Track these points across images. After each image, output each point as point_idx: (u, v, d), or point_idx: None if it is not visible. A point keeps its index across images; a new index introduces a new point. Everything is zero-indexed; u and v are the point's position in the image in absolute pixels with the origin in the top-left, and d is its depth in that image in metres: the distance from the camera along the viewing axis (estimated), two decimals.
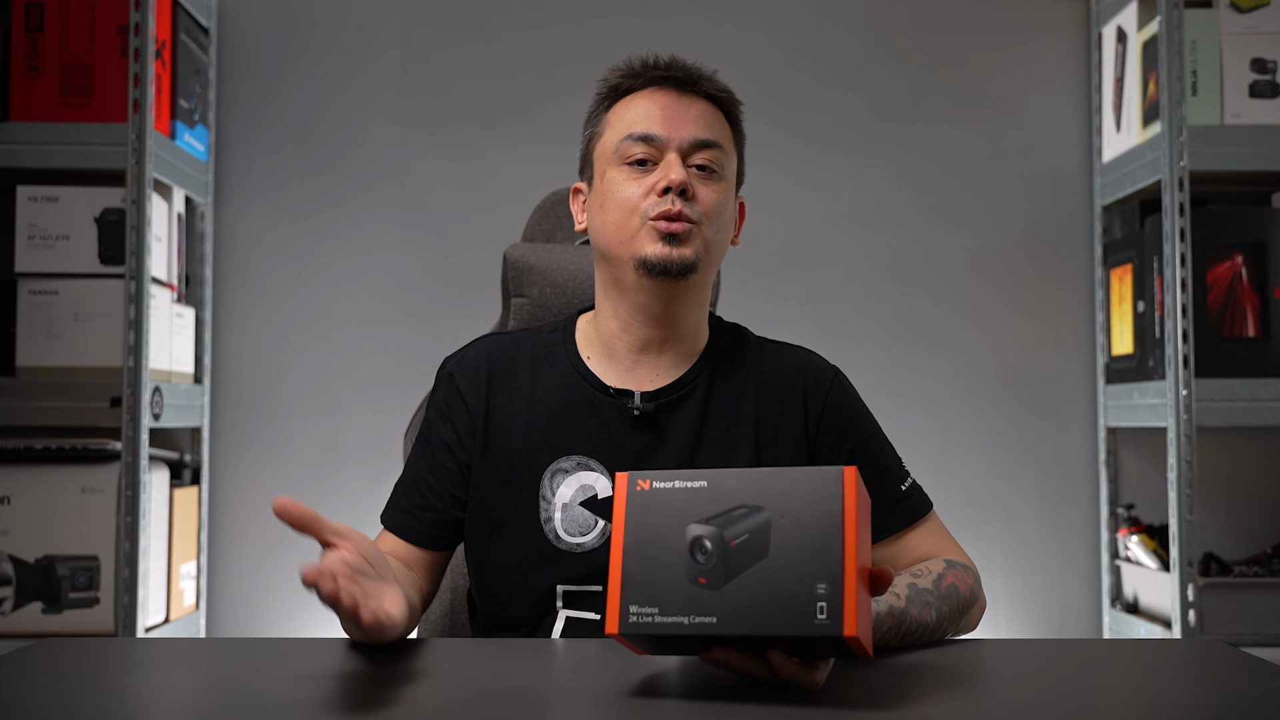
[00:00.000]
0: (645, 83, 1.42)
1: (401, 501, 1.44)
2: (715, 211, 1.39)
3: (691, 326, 1.44)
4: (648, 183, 1.38)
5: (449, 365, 1.48)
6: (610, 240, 1.40)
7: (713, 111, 1.42)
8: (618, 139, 1.40)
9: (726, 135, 1.43)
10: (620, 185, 1.39)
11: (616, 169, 1.40)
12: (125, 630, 2.32)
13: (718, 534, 1.00)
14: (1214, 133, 2.43)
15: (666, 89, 1.41)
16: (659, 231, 1.36)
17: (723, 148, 1.41)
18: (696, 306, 1.44)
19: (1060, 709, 1.05)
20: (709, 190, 1.39)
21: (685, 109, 1.40)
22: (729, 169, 1.42)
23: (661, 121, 1.39)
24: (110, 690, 1.13)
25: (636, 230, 1.37)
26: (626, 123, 1.41)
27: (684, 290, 1.40)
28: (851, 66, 2.82)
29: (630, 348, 1.43)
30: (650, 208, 1.37)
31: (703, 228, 1.38)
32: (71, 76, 2.43)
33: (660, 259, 1.36)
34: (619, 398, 1.41)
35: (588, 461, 1.39)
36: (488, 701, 1.05)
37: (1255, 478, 2.75)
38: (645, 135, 1.39)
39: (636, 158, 1.39)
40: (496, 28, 2.80)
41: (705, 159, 1.39)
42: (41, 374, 2.39)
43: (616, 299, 1.43)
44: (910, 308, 2.79)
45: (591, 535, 1.37)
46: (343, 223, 2.78)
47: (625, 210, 1.38)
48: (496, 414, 1.42)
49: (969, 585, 1.35)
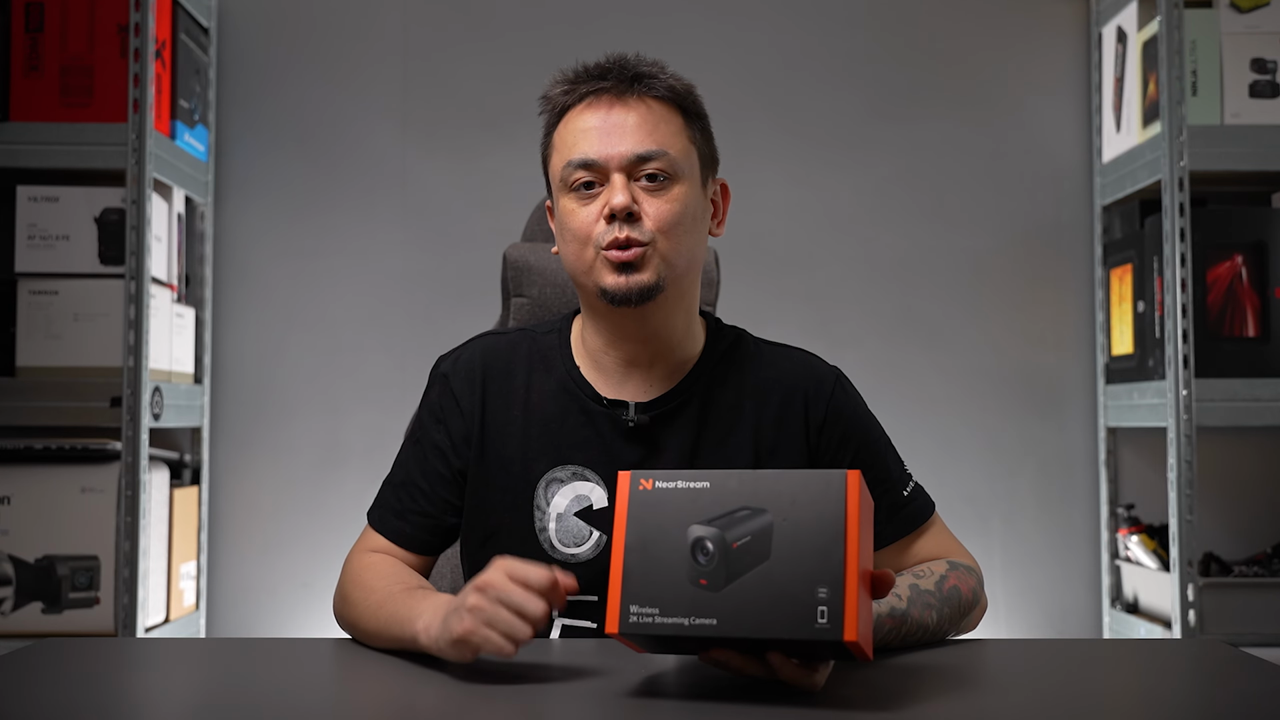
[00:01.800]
0: (580, 96, 1.37)
1: (391, 503, 1.42)
2: (670, 223, 1.33)
3: (678, 337, 1.40)
4: (594, 209, 1.34)
5: (443, 366, 1.45)
6: (573, 270, 1.37)
7: (657, 111, 1.36)
8: (561, 165, 1.36)
9: (674, 131, 1.36)
10: (572, 214, 1.35)
11: (566, 196, 1.36)
12: (125, 630, 2.32)
13: (720, 535, 1.00)
14: (1214, 133, 2.43)
15: (600, 100, 1.36)
16: (611, 262, 1.32)
17: (669, 153, 1.34)
18: (679, 315, 1.40)
19: (1060, 709, 1.05)
20: (660, 202, 1.33)
21: (622, 120, 1.34)
22: (683, 169, 1.35)
23: (598, 141, 1.33)
24: (110, 690, 1.13)
25: (592, 261, 1.34)
26: (568, 146, 1.36)
27: (655, 309, 1.36)
28: (851, 66, 2.81)
29: (618, 363, 1.40)
30: (601, 236, 1.33)
31: (658, 245, 1.32)
32: (71, 76, 2.42)
33: (618, 289, 1.32)
34: (613, 408, 1.38)
35: (583, 471, 1.37)
36: (488, 701, 1.05)
37: (1255, 478, 2.75)
38: (584, 161, 1.34)
39: (581, 182, 1.34)
40: (496, 28, 2.80)
41: (652, 169, 1.33)
42: (41, 374, 2.39)
43: (596, 319, 1.40)
44: (910, 308, 2.79)
45: (586, 546, 1.35)
46: (343, 223, 2.78)
47: (579, 241, 1.35)
48: (492, 419, 1.40)
49: (971, 587, 1.35)
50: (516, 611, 1.07)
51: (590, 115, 1.35)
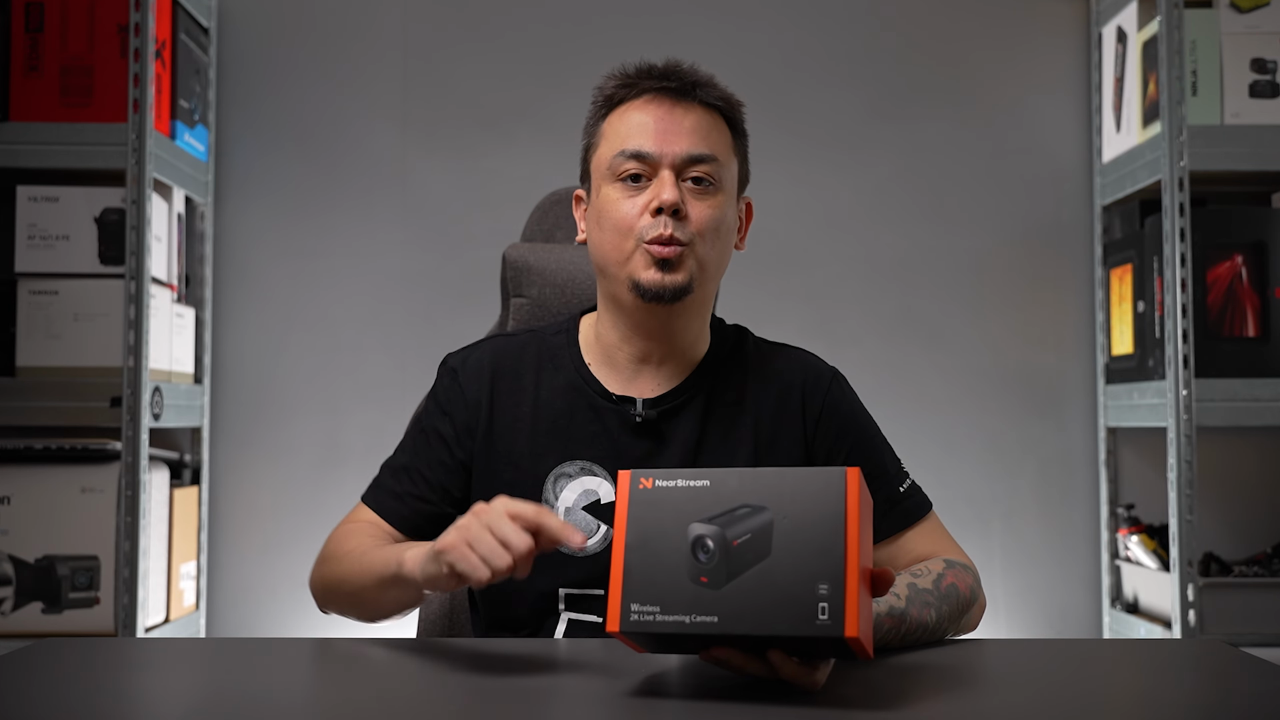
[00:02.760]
0: (639, 92, 1.40)
1: (389, 485, 1.44)
2: (710, 228, 1.37)
3: (691, 339, 1.44)
4: (641, 201, 1.36)
5: (452, 361, 1.48)
6: (607, 259, 1.39)
7: (710, 120, 1.40)
8: (611, 154, 1.38)
9: (724, 143, 1.41)
10: (614, 204, 1.37)
11: (611, 185, 1.38)
12: (125, 630, 2.32)
13: (720, 533, 1.00)
14: (1214, 133, 2.43)
15: (661, 99, 1.39)
16: (653, 256, 1.35)
17: (719, 160, 1.38)
18: (696, 320, 1.44)
19: (1060, 709, 1.05)
20: (703, 206, 1.37)
21: (679, 121, 1.38)
22: (726, 179, 1.40)
23: (654, 137, 1.37)
24: (110, 690, 1.13)
25: (631, 252, 1.36)
26: (620, 137, 1.38)
27: (680, 310, 1.40)
28: (851, 66, 2.81)
29: (630, 359, 1.43)
30: (645, 230, 1.35)
31: (695, 248, 1.36)
32: (71, 76, 2.43)
33: (653, 285, 1.35)
34: (621, 404, 1.42)
35: (591, 466, 1.40)
36: (488, 701, 1.05)
37: (1255, 478, 2.75)
38: (638, 152, 1.36)
39: (630, 173, 1.37)
40: (496, 28, 2.80)
41: (700, 172, 1.37)
42: (41, 374, 2.39)
43: (615, 313, 1.43)
44: (910, 308, 2.79)
45: (594, 539, 1.38)
46: (343, 223, 2.78)
47: (620, 231, 1.37)
48: (501, 416, 1.43)
49: (968, 585, 1.36)
50: (501, 541, 1.09)
51: (649, 110, 1.39)
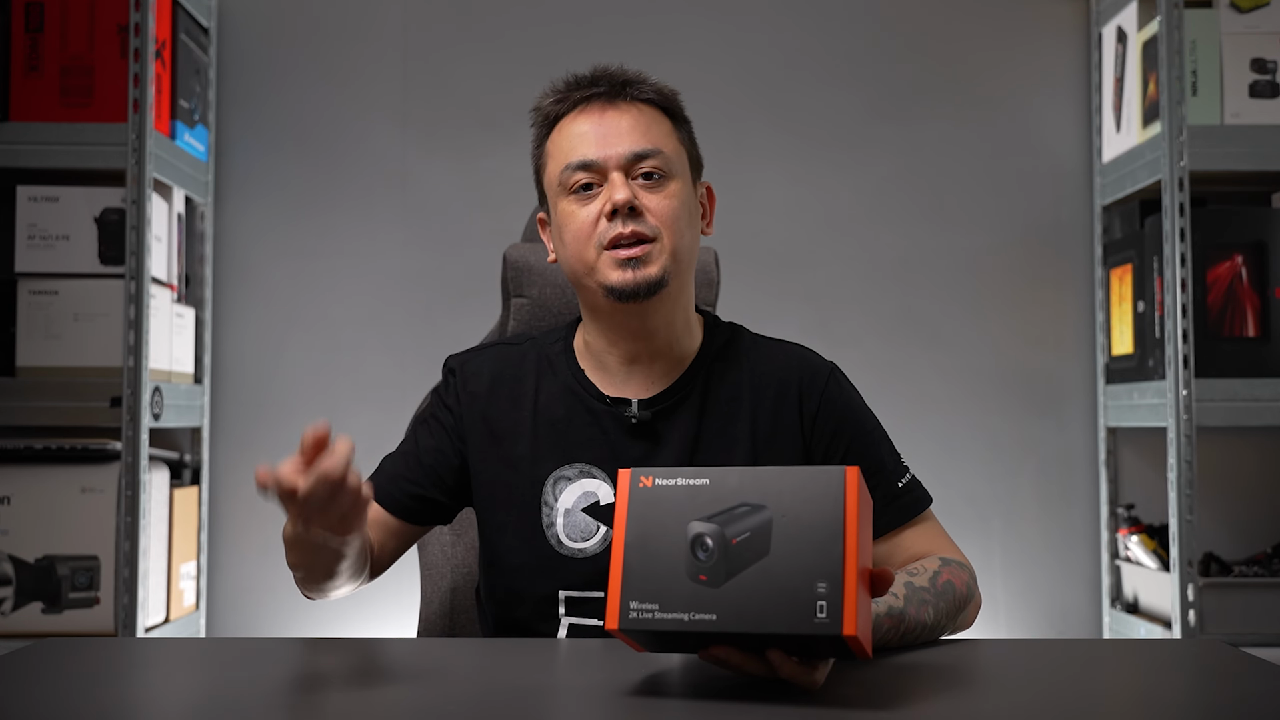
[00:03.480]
0: (573, 104, 1.42)
1: (385, 468, 1.47)
2: (671, 218, 1.38)
3: (678, 332, 1.45)
4: (595, 208, 1.38)
5: (452, 363, 1.50)
6: (575, 271, 1.41)
7: (647, 114, 1.42)
8: (559, 169, 1.41)
9: (665, 133, 1.42)
10: (571, 216, 1.40)
11: (565, 199, 1.41)
12: (125, 630, 2.32)
13: (719, 531, 1.00)
14: (1214, 133, 2.43)
15: (594, 105, 1.41)
16: (617, 259, 1.36)
17: (664, 151, 1.40)
18: (677, 313, 1.44)
19: (1060, 709, 1.05)
20: (659, 198, 1.38)
21: (616, 122, 1.40)
22: (676, 168, 1.41)
23: (595, 143, 1.39)
24: (110, 690, 1.13)
25: (595, 260, 1.38)
26: (564, 151, 1.41)
27: (659, 304, 1.40)
28: (851, 66, 2.81)
29: (620, 361, 1.44)
30: (603, 234, 1.37)
31: (663, 239, 1.38)
32: (71, 76, 2.43)
33: (625, 284, 1.37)
34: (616, 406, 1.42)
35: (590, 469, 1.41)
36: (488, 701, 1.05)
37: (1255, 478, 2.75)
38: (582, 162, 1.39)
39: (580, 184, 1.39)
40: (496, 28, 2.80)
41: (648, 167, 1.39)
42: (41, 374, 2.39)
43: (597, 320, 1.44)
44: (910, 308, 2.79)
45: (593, 541, 1.39)
46: (343, 223, 2.78)
47: (580, 241, 1.39)
48: (501, 420, 1.44)
49: (965, 582, 1.36)
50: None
51: (584, 120, 1.41)
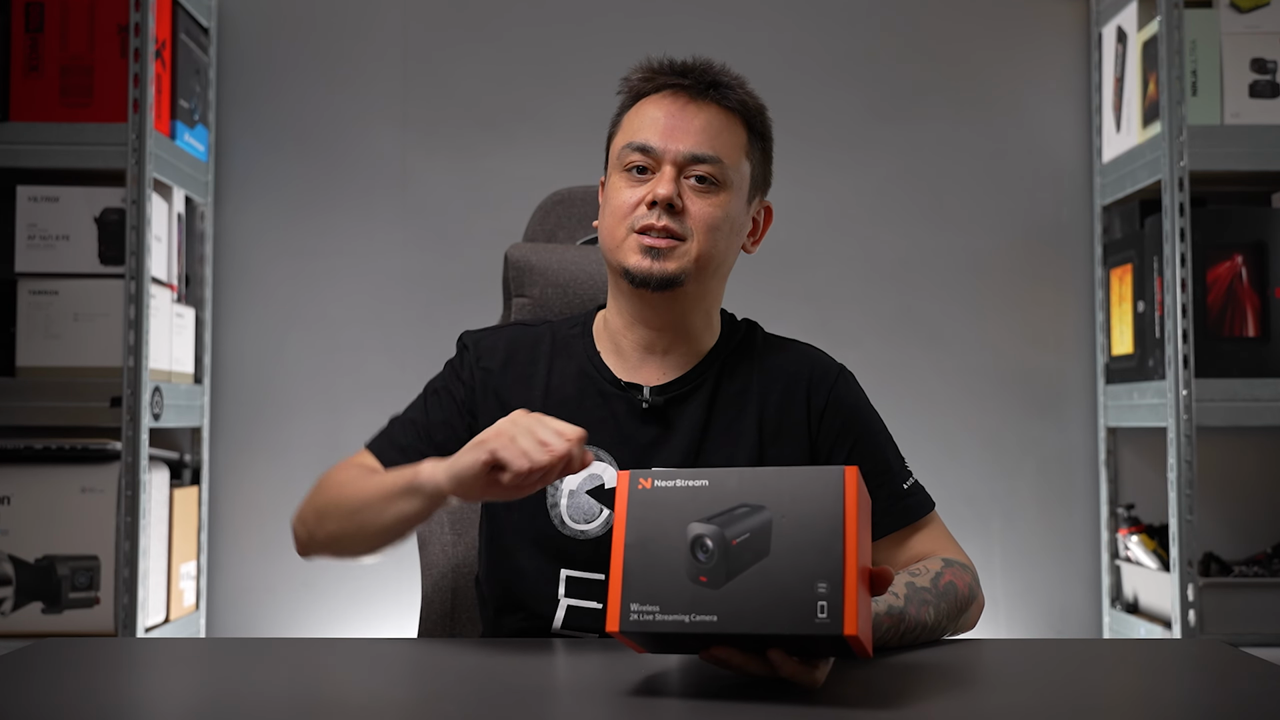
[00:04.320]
0: (658, 86, 1.44)
1: (395, 435, 1.47)
2: (708, 225, 1.39)
3: (695, 331, 1.46)
4: (640, 192, 1.40)
5: (467, 338, 1.51)
6: (605, 244, 1.44)
7: (722, 120, 1.42)
8: (622, 145, 1.43)
9: (734, 145, 1.43)
10: (618, 192, 1.42)
11: (618, 174, 1.43)
12: (125, 630, 2.32)
13: (719, 533, 1.01)
14: (1214, 133, 2.43)
15: (676, 95, 1.42)
16: (642, 244, 1.38)
17: (724, 161, 1.41)
18: (698, 314, 1.45)
19: (1060, 709, 1.05)
20: (704, 203, 1.40)
21: (689, 119, 1.41)
22: (733, 180, 1.42)
23: (661, 133, 1.40)
24: (110, 690, 1.13)
25: (623, 240, 1.40)
26: (633, 129, 1.42)
27: (675, 301, 1.42)
28: (851, 66, 2.81)
29: (635, 346, 1.46)
30: (637, 219, 1.39)
31: (693, 242, 1.39)
32: (71, 76, 2.42)
33: (640, 271, 1.38)
34: (628, 391, 1.44)
35: (597, 451, 1.41)
36: (488, 701, 1.05)
37: (1255, 478, 2.75)
38: (643, 146, 1.40)
39: (635, 165, 1.41)
40: (496, 28, 2.80)
41: (703, 171, 1.40)
42: (41, 374, 2.39)
43: (619, 298, 1.46)
44: (910, 308, 2.79)
45: (596, 523, 1.40)
46: (343, 223, 2.78)
47: (617, 217, 1.41)
48: (513, 396, 1.45)
49: (967, 583, 1.36)
50: (542, 442, 1.15)
51: (661, 106, 1.42)
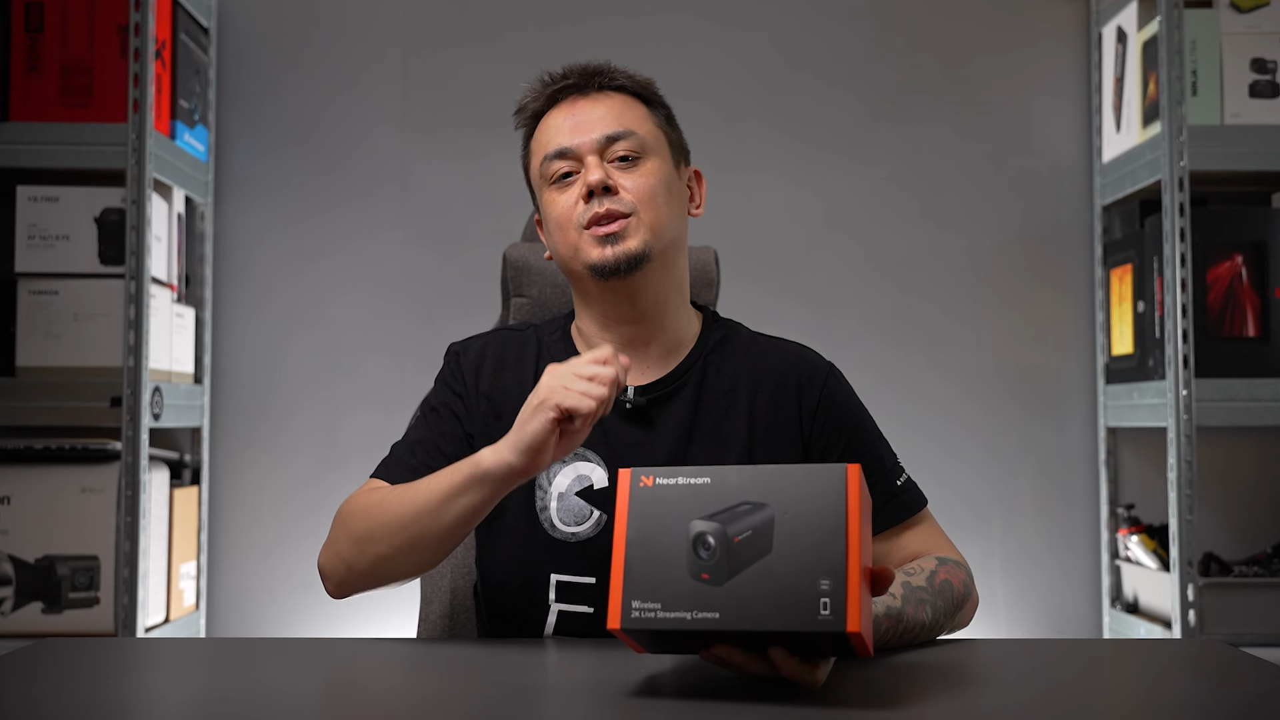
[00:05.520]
0: (549, 101, 1.48)
1: (403, 458, 1.43)
2: (648, 193, 1.41)
3: (671, 315, 1.46)
4: (574, 192, 1.42)
5: (455, 347, 1.51)
6: (562, 257, 1.44)
7: (619, 101, 1.46)
8: (539, 163, 1.46)
9: (640, 117, 1.45)
10: (553, 204, 1.44)
11: (547, 190, 1.45)
12: (125, 630, 2.32)
13: (721, 530, 1.00)
14: (1214, 133, 2.43)
15: (567, 99, 1.47)
16: (595, 237, 1.39)
17: (637, 133, 1.43)
18: (670, 292, 1.45)
19: (1060, 709, 1.05)
20: (635, 176, 1.41)
21: (589, 111, 1.44)
22: (653, 147, 1.44)
23: (569, 132, 1.44)
24: (110, 690, 1.13)
25: (577, 242, 1.41)
26: (542, 145, 1.46)
27: (647, 280, 1.42)
28: (851, 66, 2.81)
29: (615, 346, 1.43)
30: (581, 216, 1.40)
31: (641, 214, 1.40)
32: (71, 76, 2.42)
33: (603, 262, 1.39)
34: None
35: (584, 452, 1.41)
36: (488, 701, 1.05)
37: (1255, 478, 2.75)
38: (559, 151, 1.43)
39: (560, 173, 1.43)
40: (496, 28, 2.80)
41: (623, 149, 1.42)
42: (41, 374, 2.39)
43: (589, 306, 1.46)
44: (910, 308, 2.79)
45: (586, 525, 1.39)
46: (343, 223, 2.78)
47: (562, 225, 1.42)
48: (502, 399, 1.44)
49: (961, 580, 1.36)
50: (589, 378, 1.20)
51: (560, 113, 1.46)
